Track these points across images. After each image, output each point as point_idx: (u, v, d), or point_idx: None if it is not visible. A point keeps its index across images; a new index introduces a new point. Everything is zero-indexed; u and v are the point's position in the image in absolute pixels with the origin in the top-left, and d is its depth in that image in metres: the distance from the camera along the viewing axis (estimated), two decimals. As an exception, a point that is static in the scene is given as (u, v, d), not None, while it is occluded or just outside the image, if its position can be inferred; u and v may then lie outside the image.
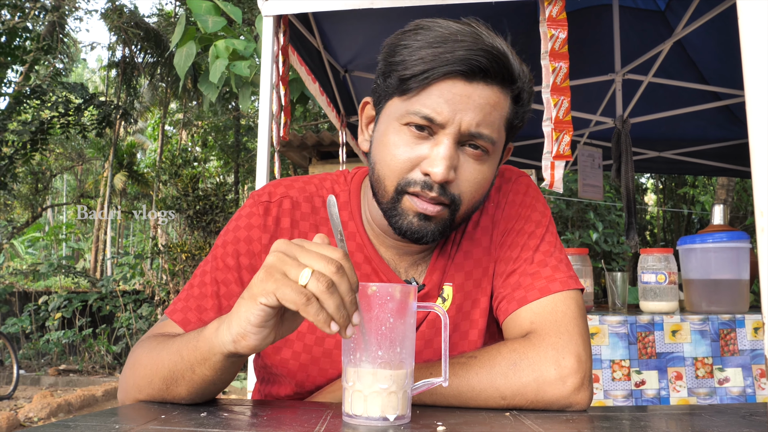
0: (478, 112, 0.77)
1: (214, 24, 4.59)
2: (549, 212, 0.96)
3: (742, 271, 2.33)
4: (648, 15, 3.46)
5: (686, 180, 12.92)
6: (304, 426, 0.65)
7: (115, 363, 8.05)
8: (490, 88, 0.77)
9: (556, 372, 0.78)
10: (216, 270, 0.90)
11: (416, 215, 0.81)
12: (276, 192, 0.94)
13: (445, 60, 0.74)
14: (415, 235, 0.82)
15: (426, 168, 0.78)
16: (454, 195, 0.80)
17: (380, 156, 0.82)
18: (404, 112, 0.79)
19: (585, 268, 2.52)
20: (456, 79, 0.76)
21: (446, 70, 0.74)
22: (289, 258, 0.64)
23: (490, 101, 0.77)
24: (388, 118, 0.82)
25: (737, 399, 2.15)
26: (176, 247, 8.06)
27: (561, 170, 1.93)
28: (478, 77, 0.76)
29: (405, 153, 0.79)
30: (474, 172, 0.80)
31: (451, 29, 0.76)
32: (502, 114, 0.80)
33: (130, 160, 16.29)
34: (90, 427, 0.61)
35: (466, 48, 0.74)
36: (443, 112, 0.76)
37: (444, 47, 0.75)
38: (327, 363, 0.88)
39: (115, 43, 14.19)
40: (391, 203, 0.82)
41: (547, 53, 1.94)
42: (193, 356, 0.72)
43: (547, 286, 0.86)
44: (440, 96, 0.76)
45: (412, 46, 0.77)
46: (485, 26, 0.79)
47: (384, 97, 0.83)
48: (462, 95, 0.76)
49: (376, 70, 0.85)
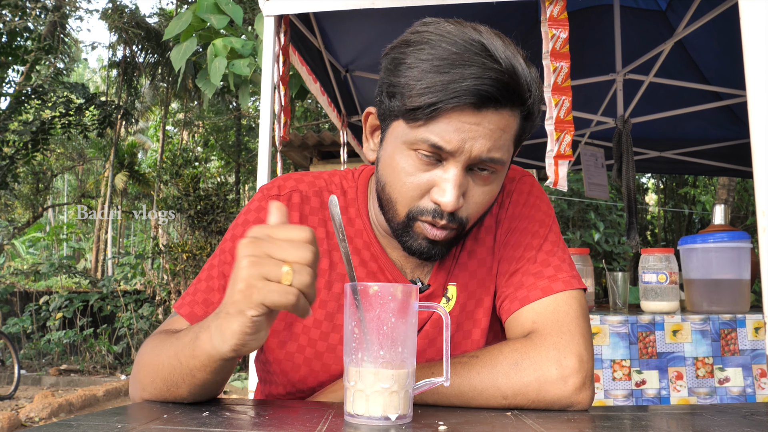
0: (488, 139, 0.75)
1: (219, 22, 4.59)
2: (553, 212, 0.96)
3: (743, 270, 2.33)
4: (649, 15, 3.46)
5: (687, 180, 12.91)
6: (306, 425, 0.65)
7: (116, 363, 8.05)
8: (499, 114, 0.75)
9: (557, 372, 0.78)
10: (224, 264, 0.90)
11: (426, 239, 0.82)
12: (285, 186, 0.94)
13: (453, 92, 0.71)
14: (423, 256, 0.84)
15: (436, 197, 0.77)
16: (462, 218, 0.80)
17: (389, 179, 0.82)
18: (412, 138, 0.77)
19: (586, 268, 2.52)
20: (465, 109, 0.73)
21: (455, 103, 0.72)
22: (262, 259, 0.61)
23: (500, 126, 0.75)
24: (395, 140, 0.80)
25: (737, 399, 2.15)
26: (177, 247, 8.06)
27: (565, 168, 1.93)
28: (487, 105, 0.73)
29: (414, 180, 0.78)
30: (483, 194, 0.80)
31: (458, 46, 0.72)
32: (511, 134, 0.78)
33: (131, 160, 16.30)
34: (92, 427, 0.61)
35: (475, 77, 0.71)
36: (452, 141, 0.74)
37: (452, 74, 0.71)
38: (331, 359, 0.88)
39: (116, 42, 14.20)
40: (402, 226, 0.82)
41: (548, 53, 1.94)
42: (192, 363, 0.72)
43: (550, 285, 0.86)
44: (448, 124, 0.74)
45: (417, 68, 0.73)
46: (493, 35, 0.75)
47: (389, 117, 0.80)
48: (471, 123, 0.74)
49: (378, 81, 0.82)
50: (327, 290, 0.90)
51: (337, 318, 0.89)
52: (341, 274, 0.90)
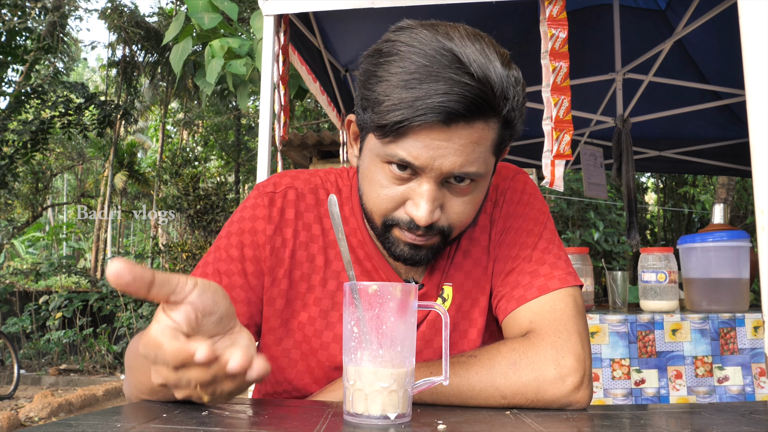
0: (459, 155, 0.73)
1: (210, 21, 4.59)
2: (547, 210, 0.96)
3: (743, 270, 2.33)
4: (648, 14, 3.46)
5: (686, 179, 12.92)
6: (305, 424, 0.65)
7: (116, 363, 8.06)
8: (471, 127, 0.72)
9: (555, 371, 0.78)
10: (219, 261, 0.90)
11: (407, 245, 0.82)
12: (281, 183, 0.94)
13: (420, 109, 0.69)
14: (408, 262, 0.84)
15: (410, 211, 0.77)
16: (442, 228, 0.80)
17: (365, 189, 0.83)
18: (383, 153, 0.76)
19: (585, 267, 2.52)
20: (433, 126, 0.71)
21: (421, 120, 0.70)
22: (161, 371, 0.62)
23: (472, 140, 0.73)
24: (370, 152, 0.80)
25: (736, 397, 2.16)
26: (177, 247, 8.06)
27: (561, 169, 1.93)
28: (456, 121, 0.71)
29: (389, 192, 0.79)
30: (463, 204, 0.79)
31: (428, 57, 0.69)
32: (487, 145, 0.75)
33: (131, 160, 16.29)
34: (91, 426, 0.61)
35: (442, 93, 0.68)
36: (421, 158, 0.73)
37: (419, 89, 0.69)
38: (324, 356, 0.89)
39: (116, 42, 14.20)
40: (381, 234, 0.83)
41: (548, 53, 1.95)
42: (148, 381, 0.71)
43: (546, 284, 0.86)
44: (417, 141, 0.72)
45: (387, 82, 0.71)
46: (468, 39, 0.71)
47: (365, 128, 0.80)
48: (441, 140, 0.72)
49: (356, 90, 0.81)
50: (322, 287, 0.90)
51: (330, 315, 0.89)
52: (336, 272, 0.91)
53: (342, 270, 0.91)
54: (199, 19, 4.57)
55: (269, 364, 0.64)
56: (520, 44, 3.51)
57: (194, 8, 4.64)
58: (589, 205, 9.01)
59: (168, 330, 0.59)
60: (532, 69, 2.37)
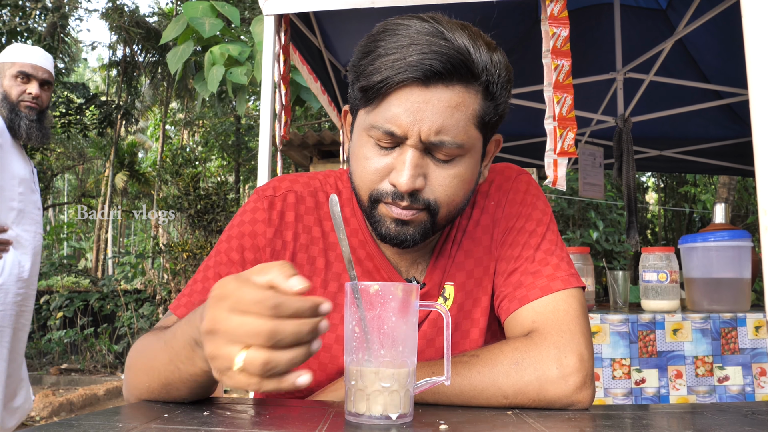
0: (437, 118, 0.74)
1: (211, 27, 4.58)
2: (550, 210, 0.96)
3: (744, 269, 2.33)
4: (649, 13, 3.46)
5: (687, 179, 12.91)
6: (307, 424, 0.65)
7: (117, 362, 8.06)
8: (450, 90, 0.74)
9: (558, 371, 0.78)
10: (220, 264, 0.90)
11: (393, 221, 0.81)
12: (280, 186, 0.95)
13: (398, 68, 0.72)
14: (394, 241, 0.83)
15: (393, 179, 0.78)
16: (428, 201, 0.80)
17: (354, 167, 0.84)
18: (368, 124, 0.79)
19: (586, 266, 2.52)
20: (413, 86, 0.74)
21: (400, 78, 0.73)
22: (219, 342, 0.55)
23: (451, 103, 0.74)
24: (358, 129, 0.82)
25: (736, 397, 2.16)
26: (177, 247, 8.06)
27: (564, 168, 1.93)
28: (435, 80, 0.73)
29: (373, 164, 0.80)
30: (446, 177, 0.79)
31: (412, 30, 0.74)
32: (468, 113, 0.76)
33: (131, 160, 16.30)
34: (92, 426, 0.61)
35: (419, 52, 0.72)
36: (402, 124, 0.75)
37: (399, 53, 0.73)
38: (327, 358, 0.89)
39: (116, 42, 14.20)
40: (369, 211, 0.83)
41: (549, 51, 1.94)
42: (192, 370, 0.69)
43: (549, 284, 0.86)
44: (399, 105, 0.75)
45: (374, 53, 0.75)
46: (449, 21, 0.76)
47: (355, 107, 0.83)
48: (420, 101, 0.74)
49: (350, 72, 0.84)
50: (323, 290, 0.90)
51: (332, 317, 0.89)
52: (337, 273, 0.91)
53: (343, 272, 0.91)
54: (199, 25, 4.56)
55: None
56: (521, 44, 3.51)
57: (194, 14, 4.63)
58: (589, 204, 9.01)
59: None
60: (534, 68, 2.37)
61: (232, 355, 0.54)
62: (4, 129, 2.32)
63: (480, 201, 0.95)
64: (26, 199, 2.35)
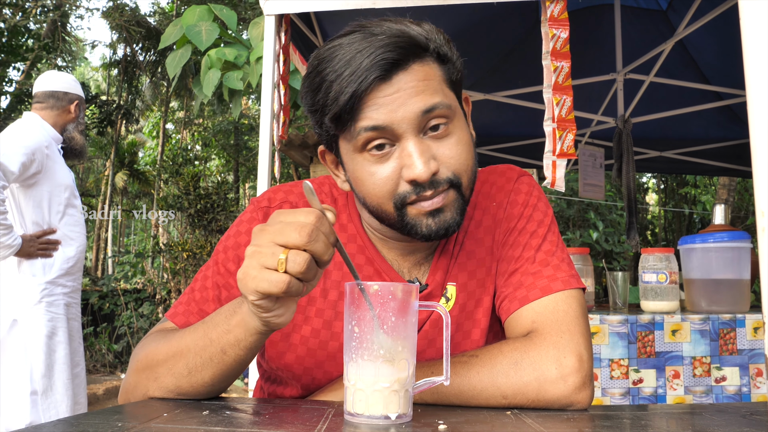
0: (414, 95, 0.76)
1: (208, 36, 4.59)
2: (551, 212, 0.96)
3: (743, 270, 2.33)
4: (650, 14, 3.46)
5: (687, 180, 12.92)
6: (306, 424, 0.65)
7: (117, 362, 8.06)
8: (410, 72, 0.76)
9: (557, 371, 0.78)
10: (217, 275, 0.91)
11: (427, 216, 0.80)
12: (275, 198, 0.95)
13: (358, 78, 0.74)
14: (439, 233, 0.81)
15: (408, 176, 0.78)
16: (449, 178, 0.80)
17: (364, 191, 0.82)
18: (354, 142, 0.78)
19: (586, 267, 2.52)
20: (379, 86, 0.75)
21: (366, 85, 0.74)
22: (262, 247, 0.65)
23: (417, 79, 0.77)
24: (348, 157, 0.82)
25: (733, 397, 2.16)
26: (177, 246, 8.06)
27: (563, 169, 1.93)
28: (395, 70, 0.75)
29: (381, 174, 0.79)
30: (450, 147, 0.80)
31: (345, 45, 0.76)
32: (436, 78, 0.79)
33: (132, 159, 16.31)
34: (92, 426, 0.61)
35: (367, 55, 0.74)
36: (383, 118, 0.76)
37: (349, 67, 0.75)
38: (332, 366, 0.89)
39: (116, 41, 14.20)
40: (399, 220, 0.81)
41: (549, 53, 1.94)
42: (225, 339, 0.74)
43: (549, 285, 0.86)
44: (375, 109, 0.76)
45: (325, 82, 0.76)
46: (368, 22, 0.78)
47: (333, 141, 0.83)
48: (390, 94, 0.76)
49: (311, 121, 0.84)
50: (323, 299, 0.90)
51: (334, 326, 0.89)
52: (335, 282, 0.91)
53: (341, 279, 0.91)
54: (196, 35, 4.56)
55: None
56: (521, 46, 3.51)
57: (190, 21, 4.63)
58: (589, 205, 9.01)
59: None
60: (533, 69, 2.37)
61: (276, 252, 0.64)
62: (52, 141, 2.55)
63: (482, 202, 0.95)
64: (71, 203, 2.62)
